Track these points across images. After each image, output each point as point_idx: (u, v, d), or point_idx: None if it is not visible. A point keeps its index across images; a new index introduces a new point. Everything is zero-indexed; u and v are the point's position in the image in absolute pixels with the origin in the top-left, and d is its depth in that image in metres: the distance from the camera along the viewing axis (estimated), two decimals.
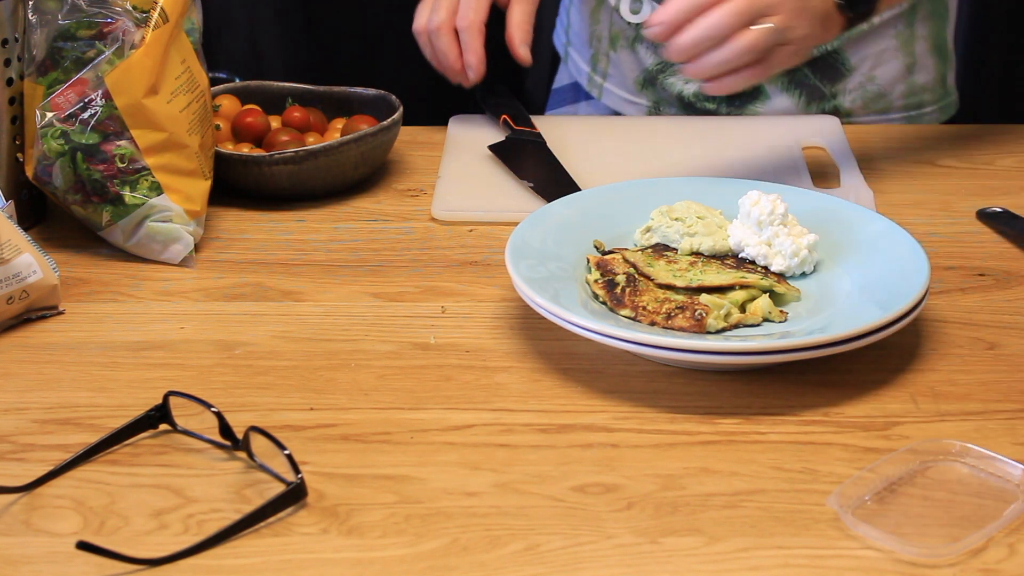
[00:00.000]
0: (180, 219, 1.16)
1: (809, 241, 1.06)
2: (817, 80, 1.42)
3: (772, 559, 0.80)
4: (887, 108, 1.45)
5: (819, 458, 0.89)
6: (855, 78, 1.43)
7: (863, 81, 1.43)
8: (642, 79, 1.46)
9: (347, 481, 0.87)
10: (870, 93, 1.44)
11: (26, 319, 1.06)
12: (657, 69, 1.44)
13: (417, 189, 1.30)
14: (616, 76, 1.50)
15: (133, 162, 1.14)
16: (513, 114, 1.39)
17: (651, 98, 1.47)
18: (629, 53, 1.46)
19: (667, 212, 1.10)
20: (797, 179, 1.29)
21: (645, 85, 1.46)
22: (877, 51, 1.42)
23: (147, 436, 0.92)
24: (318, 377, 0.99)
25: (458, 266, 1.15)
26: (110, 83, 1.12)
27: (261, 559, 0.80)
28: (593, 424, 0.93)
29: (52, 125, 1.13)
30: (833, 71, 1.41)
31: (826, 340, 0.93)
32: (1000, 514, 0.82)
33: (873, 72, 1.43)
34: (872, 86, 1.44)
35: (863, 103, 1.44)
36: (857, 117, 1.45)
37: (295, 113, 1.33)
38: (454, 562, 0.80)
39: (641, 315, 1.00)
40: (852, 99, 1.44)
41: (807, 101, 1.43)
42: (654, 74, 1.44)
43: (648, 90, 1.47)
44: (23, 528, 0.83)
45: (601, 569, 0.79)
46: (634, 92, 1.48)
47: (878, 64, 1.43)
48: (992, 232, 1.20)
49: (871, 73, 1.43)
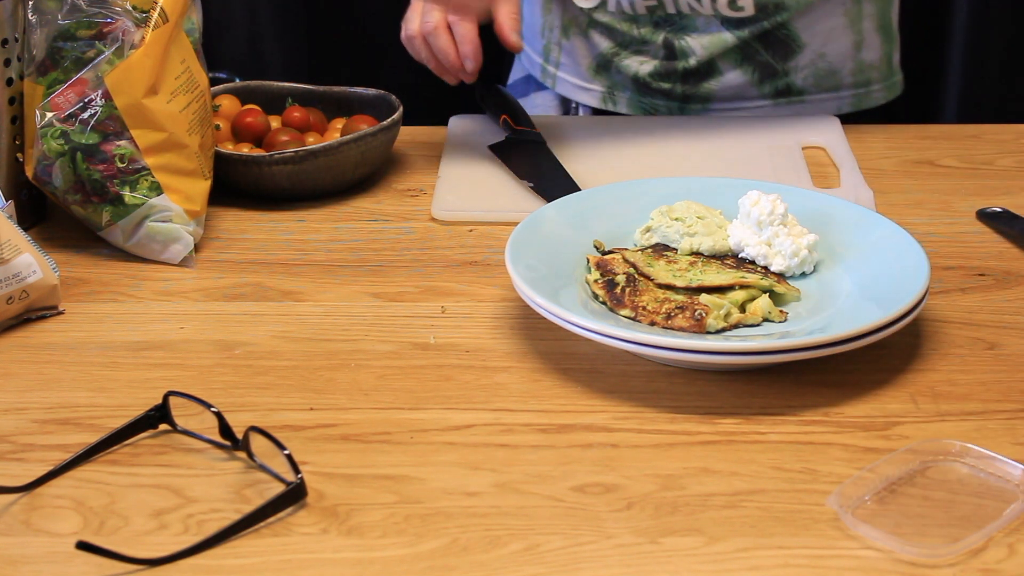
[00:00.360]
0: (180, 219, 1.16)
1: (809, 241, 1.06)
2: (769, 56, 1.43)
3: (772, 559, 0.80)
4: (837, 86, 1.47)
5: (819, 458, 0.89)
6: (806, 55, 1.44)
7: (814, 58, 1.44)
8: (595, 65, 1.48)
9: (347, 481, 0.87)
10: (821, 71, 1.45)
11: (26, 319, 1.06)
12: (612, 53, 1.46)
13: (417, 189, 1.30)
14: (569, 64, 1.52)
15: (133, 162, 1.14)
16: (513, 114, 1.39)
17: (605, 83, 1.49)
18: (582, 40, 1.48)
19: (667, 212, 1.10)
20: (797, 179, 1.29)
21: (599, 71, 1.48)
22: (827, 28, 1.43)
23: (147, 436, 0.92)
24: (318, 377, 0.99)
25: (458, 266, 1.15)
26: (110, 83, 1.12)
27: (261, 559, 0.80)
28: (593, 424, 0.93)
29: (52, 125, 1.13)
30: (784, 47, 1.43)
31: (826, 340, 0.93)
32: (1000, 514, 0.82)
33: (824, 49, 1.45)
34: (823, 63, 1.45)
35: (815, 80, 1.46)
36: (810, 95, 1.46)
37: (295, 113, 1.33)
38: (454, 562, 0.80)
39: (641, 315, 1.00)
40: (804, 76, 1.45)
41: (760, 78, 1.44)
42: (608, 58, 1.46)
43: (602, 75, 1.49)
44: (23, 528, 0.83)
45: (601, 569, 0.79)
46: (588, 79, 1.50)
47: (828, 41, 1.44)
48: (992, 232, 1.20)
49: (822, 50, 1.45)
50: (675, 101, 1.46)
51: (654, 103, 1.47)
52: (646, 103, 1.47)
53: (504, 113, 1.39)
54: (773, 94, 1.45)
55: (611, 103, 1.49)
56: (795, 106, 1.46)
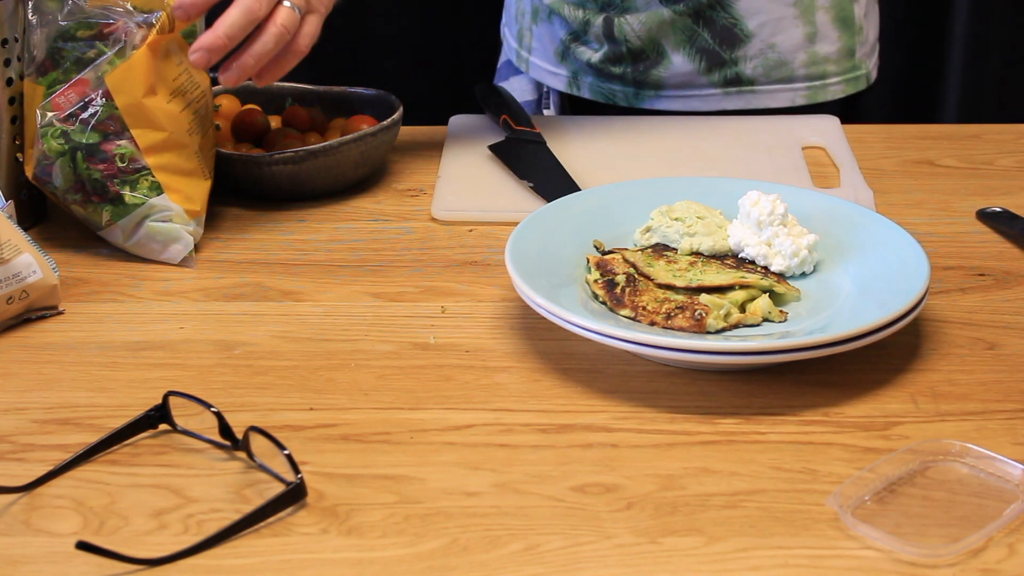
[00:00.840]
0: (180, 219, 1.16)
1: (809, 241, 1.06)
2: (716, 45, 1.43)
3: (772, 559, 0.80)
4: (789, 77, 1.47)
5: (819, 458, 0.89)
6: (754, 44, 1.45)
7: (763, 48, 1.45)
8: (559, 51, 1.50)
9: (347, 481, 0.87)
10: (771, 61, 1.46)
11: (26, 319, 1.06)
12: (570, 39, 1.47)
13: (417, 189, 1.30)
14: (539, 49, 1.55)
15: (133, 162, 1.14)
16: (513, 114, 1.39)
17: (569, 68, 1.51)
18: (547, 26, 1.50)
19: (667, 212, 1.10)
20: (797, 179, 1.29)
21: (563, 56, 1.51)
22: (775, 18, 1.44)
23: (147, 436, 0.92)
24: (318, 377, 0.99)
25: (458, 266, 1.15)
26: (110, 83, 1.12)
27: (261, 559, 0.80)
28: (593, 424, 0.93)
29: (52, 125, 1.13)
30: (731, 36, 1.43)
31: (826, 340, 0.93)
32: (1000, 514, 0.82)
33: (772, 39, 1.45)
34: (772, 54, 1.45)
35: (764, 71, 1.46)
36: (760, 85, 1.47)
37: (295, 113, 1.33)
38: (454, 562, 0.80)
39: (641, 315, 1.00)
40: (753, 66, 1.46)
41: (708, 67, 1.45)
42: (567, 44, 1.47)
43: (566, 61, 1.51)
44: (23, 528, 0.83)
45: (601, 569, 0.79)
46: (555, 63, 1.52)
47: (777, 31, 1.45)
48: (992, 232, 1.20)
49: (770, 40, 1.45)
50: (630, 87, 1.47)
51: (611, 88, 1.49)
52: (605, 88, 1.50)
53: (504, 113, 1.39)
54: (722, 83, 1.46)
55: (575, 87, 1.52)
56: (745, 96, 1.46)
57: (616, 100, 1.49)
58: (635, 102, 1.48)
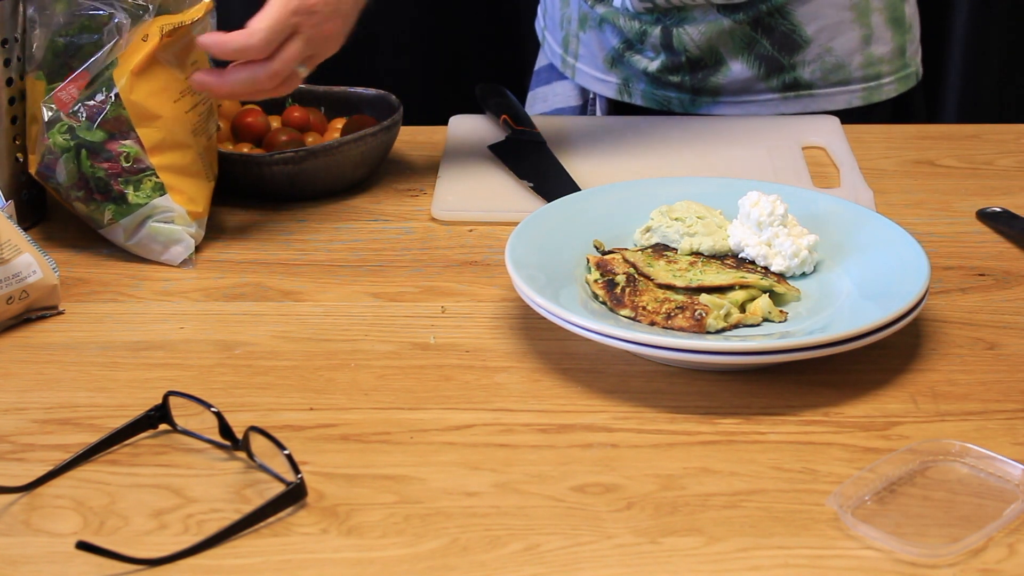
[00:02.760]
0: (182, 220, 1.16)
1: (809, 241, 1.06)
2: (775, 51, 1.43)
3: (772, 559, 0.80)
4: (847, 79, 1.47)
5: (819, 458, 0.89)
6: (812, 49, 1.44)
7: (821, 52, 1.45)
8: (610, 58, 1.49)
9: (347, 481, 0.87)
10: (828, 64, 1.45)
11: (26, 319, 1.06)
12: (623, 47, 1.46)
13: (417, 189, 1.30)
14: (586, 56, 1.53)
15: (138, 161, 1.14)
16: (513, 114, 1.39)
17: (620, 75, 1.50)
18: (597, 33, 1.49)
19: (667, 212, 1.10)
20: (797, 179, 1.29)
21: (614, 63, 1.49)
22: (833, 22, 1.44)
23: (147, 436, 0.92)
24: (318, 377, 0.99)
25: (458, 266, 1.15)
26: (119, 82, 1.12)
27: (261, 559, 0.80)
28: (593, 424, 0.93)
29: (59, 120, 1.13)
30: (790, 42, 1.43)
31: (826, 340, 0.93)
32: (1000, 514, 0.82)
33: (830, 44, 1.45)
34: (830, 57, 1.45)
35: (822, 74, 1.46)
36: (818, 89, 1.46)
37: (295, 113, 1.33)
38: (454, 562, 0.80)
39: (641, 315, 1.00)
40: (811, 71, 1.45)
41: (767, 72, 1.44)
42: (620, 52, 1.47)
43: (617, 68, 1.50)
44: (23, 528, 0.83)
45: (601, 569, 0.79)
46: (604, 71, 1.51)
47: (835, 35, 1.45)
48: (992, 232, 1.20)
49: (828, 44, 1.45)
50: (686, 94, 1.47)
51: (667, 95, 1.48)
52: (659, 95, 1.48)
53: (504, 113, 1.39)
54: (781, 88, 1.45)
55: (626, 95, 1.50)
56: (803, 100, 1.46)
57: (671, 107, 1.48)
58: (691, 108, 1.47)
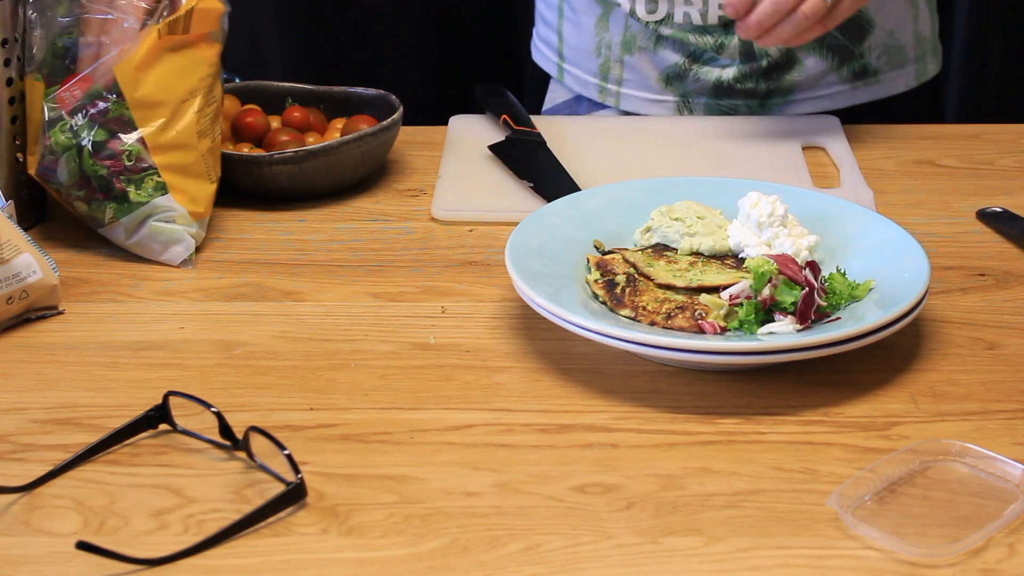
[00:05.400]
0: (183, 220, 1.16)
1: (809, 242, 1.06)
2: (845, 40, 1.44)
3: (772, 559, 0.80)
4: (903, 62, 1.48)
5: (819, 458, 0.89)
6: (877, 34, 1.46)
7: (884, 36, 1.46)
8: (666, 76, 1.47)
9: (347, 481, 0.87)
10: (891, 48, 1.47)
11: (26, 319, 1.06)
12: (684, 64, 1.45)
13: (417, 189, 1.30)
14: (635, 80, 1.49)
15: (140, 160, 1.14)
16: (513, 114, 1.39)
17: (678, 92, 1.47)
18: (648, 54, 1.46)
19: (667, 212, 1.10)
20: (797, 179, 1.29)
21: (670, 81, 1.47)
22: (891, 4, 1.44)
23: (147, 436, 0.92)
24: (318, 377, 0.99)
25: (458, 266, 1.15)
26: (121, 80, 1.12)
27: (261, 559, 0.80)
28: (593, 424, 0.93)
29: (61, 119, 1.13)
30: (858, 29, 1.44)
31: (826, 340, 0.93)
32: (1000, 514, 0.82)
33: (892, 26, 1.46)
34: (892, 41, 1.47)
35: (886, 59, 1.47)
36: (883, 74, 1.47)
37: (295, 113, 1.33)
38: (454, 562, 0.80)
39: (641, 315, 1.00)
40: (877, 55, 1.47)
41: (839, 63, 1.45)
42: (683, 68, 1.45)
43: (674, 85, 1.47)
44: (23, 528, 0.83)
45: (601, 569, 0.79)
46: (658, 91, 1.48)
47: (894, 17, 1.46)
48: (992, 232, 1.20)
49: (890, 27, 1.46)
50: (756, 99, 1.46)
51: (733, 103, 1.47)
52: (724, 105, 1.47)
53: (504, 113, 1.39)
54: (851, 77, 1.46)
55: (686, 111, 1.48)
56: (871, 88, 1.47)
57: (739, 114, 1.47)
58: (760, 113, 1.47)
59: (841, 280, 1.01)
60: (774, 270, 0.98)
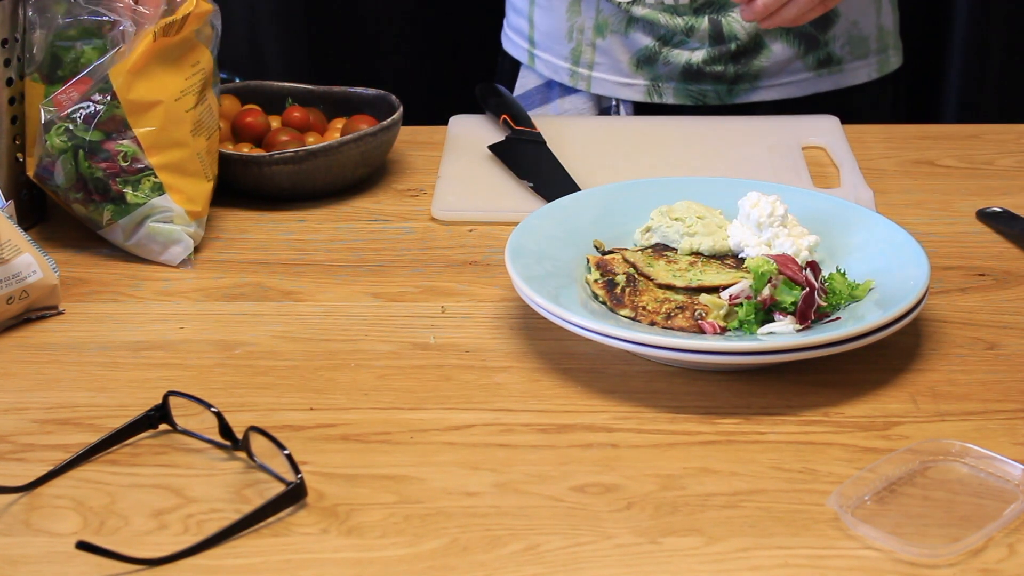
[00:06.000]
0: (181, 220, 1.16)
1: (809, 242, 1.06)
2: (811, 28, 1.46)
3: (772, 559, 0.80)
4: (866, 53, 1.50)
5: (819, 458, 0.89)
6: (842, 24, 1.47)
7: (848, 26, 1.48)
8: (636, 60, 1.48)
9: (347, 481, 0.87)
10: (855, 38, 1.49)
11: (26, 319, 1.06)
12: (655, 47, 1.46)
13: (417, 189, 1.30)
14: (606, 63, 1.51)
15: (136, 161, 1.14)
16: (513, 114, 1.39)
17: (648, 76, 1.49)
18: (620, 37, 1.48)
19: (667, 212, 1.10)
20: (797, 179, 1.29)
21: (640, 65, 1.48)
22: None
23: (147, 436, 0.92)
24: (318, 377, 0.99)
25: (458, 266, 1.15)
26: (115, 82, 1.12)
27: (261, 559, 0.80)
28: (593, 424, 0.93)
29: (56, 122, 1.13)
30: (824, 18, 1.45)
31: (826, 340, 0.93)
32: (1000, 514, 0.82)
33: (856, 16, 1.48)
34: (855, 31, 1.48)
35: (850, 48, 1.49)
36: (846, 63, 1.49)
37: (295, 113, 1.33)
38: (454, 562, 0.80)
39: (641, 315, 1.00)
40: (841, 45, 1.48)
41: (804, 50, 1.47)
42: (653, 52, 1.46)
43: (644, 69, 1.49)
44: (23, 528, 0.83)
45: (601, 569, 0.79)
46: (629, 74, 1.50)
47: (858, 8, 1.47)
48: (992, 232, 1.20)
49: (855, 18, 1.48)
50: (724, 84, 1.47)
51: (702, 88, 1.48)
52: (694, 90, 1.48)
53: (504, 113, 1.39)
54: (816, 65, 1.48)
55: (656, 95, 1.50)
56: (834, 76, 1.49)
57: (707, 100, 1.48)
58: (728, 99, 1.48)
59: (841, 280, 1.01)
60: (774, 270, 0.98)
